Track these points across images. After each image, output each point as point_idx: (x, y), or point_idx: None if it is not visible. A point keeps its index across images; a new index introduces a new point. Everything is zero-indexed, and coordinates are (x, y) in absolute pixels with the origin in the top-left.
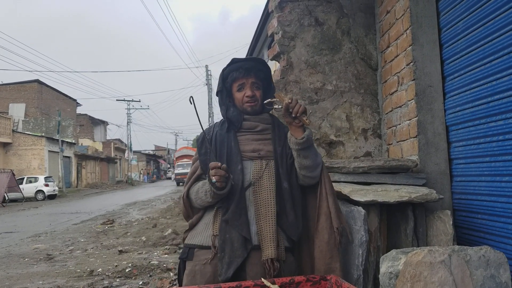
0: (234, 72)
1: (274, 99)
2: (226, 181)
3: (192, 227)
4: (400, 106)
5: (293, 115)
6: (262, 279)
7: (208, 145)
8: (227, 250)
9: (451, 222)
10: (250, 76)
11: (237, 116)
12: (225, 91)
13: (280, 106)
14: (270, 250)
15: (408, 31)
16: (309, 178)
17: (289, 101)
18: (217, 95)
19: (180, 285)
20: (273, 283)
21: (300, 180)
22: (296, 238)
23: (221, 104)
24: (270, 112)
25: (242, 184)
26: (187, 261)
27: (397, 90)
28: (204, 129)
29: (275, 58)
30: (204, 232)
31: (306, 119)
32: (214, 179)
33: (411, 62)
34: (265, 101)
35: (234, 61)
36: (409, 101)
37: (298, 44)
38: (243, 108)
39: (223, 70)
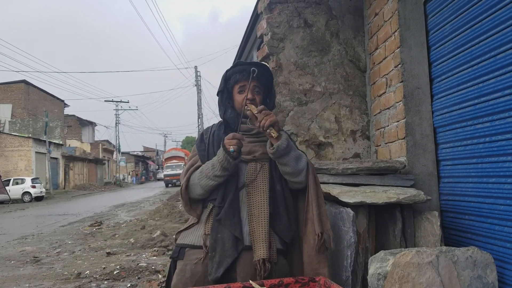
0: (237, 74)
1: (247, 110)
2: (239, 151)
3: (187, 227)
4: (388, 108)
5: (260, 129)
6: (251, 281)
7: (205, 145)
8: (218, 249)
9: (438, 223)
10: (252, 79)
11: (234, 119)
12: (226, 92)
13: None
14: (262, 250)
15: (396, 33)
16: (295, 183)
17: (254, 112)
18: (217, 95)
19: (169, 284)
20: (262, 285)
21: (289, 184)
22: (289, 240)
23: (220, 104)
24: (247, 123)
25: (236, 184)
26: (178, 261)
27: (385, 92)
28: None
29: (264, 59)
30: (196, 232)
31: (273, 132)
32: (232, 148)
33: (399, 64)
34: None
35: (239, 63)
36: (397, 103)
37: (287, 45)
38: (242, 111)
39: (227, 71)
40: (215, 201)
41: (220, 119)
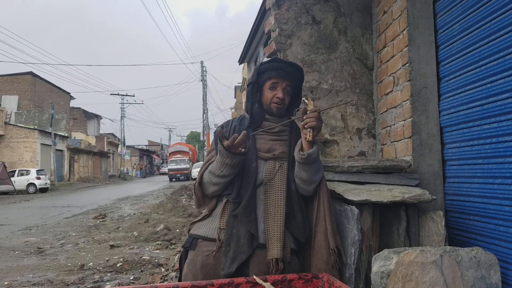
0: (273, 71)
1: (304, 101)
2: (245, 148)
3: (201, 219)
4: (395, 107)
5: (302, 124)
6: (254, 276)
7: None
8: (232, 245)
9: (443, 223)
10: (286, 79)
11: (259, 114)
12: (256, 85)
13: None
14: (276, 250)
15: (404, 32)
16: (302, 189)
17: (308, 108)
18: (247, 86)
19: (181, 273)
20: (265, 280)
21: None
22: (304, 240)
23: (249, 97)
24: (293, 115)
25: (254, 182)
26: (189, 251)
27: (392, 91)
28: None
29: (271, 55)
30: (210, 224)
31: (310, 135)
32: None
33: (407, 63)
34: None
35: (276, 60)
36: (404, 101)
37: (294, 42)
38: (269, 107)
39: (261, 63)
40: (229, 196)
41: (241, 114)
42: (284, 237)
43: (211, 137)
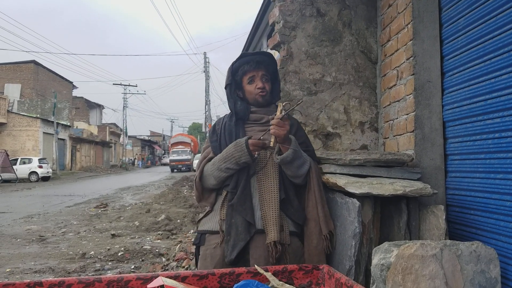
0: (245, 65)
1: (275, 105)
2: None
3: (205, 215)
4: (398, 100)
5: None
6: (256, 265)
7: (217, 136)
8: (232, 233)
9: (444, 217)
10: (260, 69)
11: (244, 109)
12: (234, 85)
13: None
14: (273, 233)
15: (409, 26)
16: (292, 180)
17: (277, 117)
18: (225, 88)
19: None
20: (266, 270)
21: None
22: (302, 222)
23: (229, 97)
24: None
25: (248, 172)
26: (200, 247)
27: (396, 84)
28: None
29: (275, 47)
30: (213, 218)
31: (272, 141)
32: (257, 154)
33: (411, 56)
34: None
35: (244, 55)
36: (407, 95)
37: (299, 34)
38: (255, 99)
39: (233, 64)
40: (228, 187)
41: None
42: (282, 221)
43: None
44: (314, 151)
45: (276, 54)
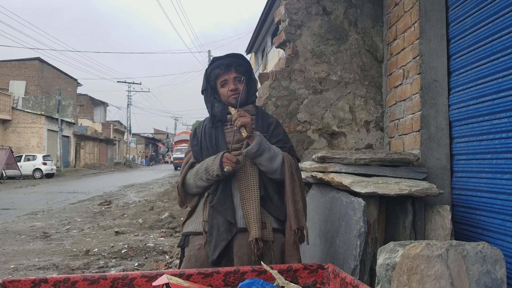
0: (216, 70)
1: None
2: (233, 171)
3: (188, 217)
4: (404, 100)
5: (236, 128)
6: (262, 262)
7: (197, 139)
8: (214, 234)
9: (449, 217)
10: (230, 71)
11: (221, 111)
12: (209, 89)
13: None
14: (255, 231)
15: (416, 25)
16: (269, 175)
17: (234, 114)
18: (202, 93)
19: None
20: (272, 268)
21: None
22: (284, 218)
23: (206, 102)
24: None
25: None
26: (185, 248)
27: (401, 84)
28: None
29: (281, 46)
30: (197, 219)
31: (243, 132)
32: (227, 168)
33: (418, 56)
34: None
35: (215, 59)
36: (413, 95)
37: (304, 32)
38: (229, 101)
39: (206, 70)
40: (210, 189)
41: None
42: (265, 219)
43: None
44: (293, 147)
45: (280, 53)
